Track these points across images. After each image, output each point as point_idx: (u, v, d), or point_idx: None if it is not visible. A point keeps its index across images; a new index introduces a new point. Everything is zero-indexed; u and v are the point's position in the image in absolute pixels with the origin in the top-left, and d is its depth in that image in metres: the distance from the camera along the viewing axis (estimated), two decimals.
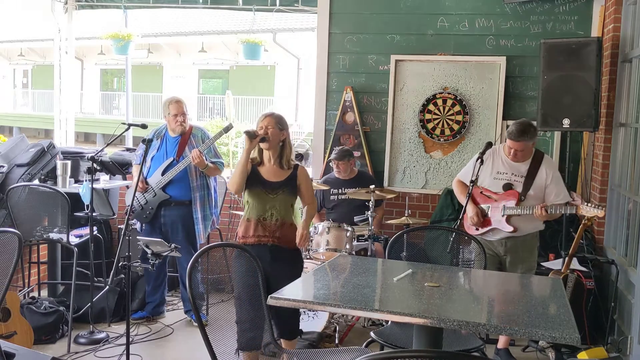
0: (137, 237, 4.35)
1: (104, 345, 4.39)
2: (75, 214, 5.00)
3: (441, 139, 5.65)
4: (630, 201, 4.47)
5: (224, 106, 17.56)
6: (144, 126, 4.52)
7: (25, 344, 3.94)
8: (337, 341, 4.34)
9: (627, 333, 4.19)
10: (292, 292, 2.65)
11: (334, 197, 5.32)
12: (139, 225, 4.93)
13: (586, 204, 3.95)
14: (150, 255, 3.86)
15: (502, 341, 4.27)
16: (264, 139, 3.55)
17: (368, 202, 4.85)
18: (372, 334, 3.24)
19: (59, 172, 5.26)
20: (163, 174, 4.67)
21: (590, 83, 4.66)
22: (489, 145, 4.16)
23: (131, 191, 4.73)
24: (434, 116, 5.63)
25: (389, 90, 5.70)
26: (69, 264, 5.00)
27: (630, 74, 4.69)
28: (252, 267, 3.09)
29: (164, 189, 4.69)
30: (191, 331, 4.72)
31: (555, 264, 4.66)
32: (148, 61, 20.54)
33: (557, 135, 5.40)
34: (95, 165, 4.55)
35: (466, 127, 5.59)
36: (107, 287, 4.73)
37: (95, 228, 4.75)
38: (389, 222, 5.13)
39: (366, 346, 3.65)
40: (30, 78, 25.20)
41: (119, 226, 5.66)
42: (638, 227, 4.24)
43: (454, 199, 5.20)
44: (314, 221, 5.35)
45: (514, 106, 5.50)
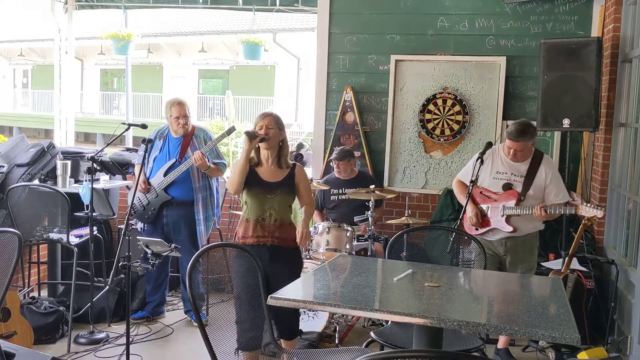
0: (137, 237, 4.35)
1: (104, 345, 4.39)
2: (75, 214, 5.00)
3: (441, 139, 5.65)
4: (630, 201, 4.47)
5: (224, 106, 17.54)
6: (144, 126, 4.53)
7: (25, 344, 3.93)
8: (337, 341, 4.34)
9: (627, 333, 4.19)
10: (292, 292, 2.65)
11: (334, 197, 5.32)
12: (140, 226, 4.93)
13: (585, 204, 3.94)
14: (150, 255, 3.87)
15: (502, 341, 4.27)
16: (263, 139, 3.55)
17: (368, 202, 4.85)
18: (372, 334, 3.24)
19: (59, 172, 5.26)
20: (165, 175, 4.68)
21: (590, 83, 4.66)
22: (489, 145, 4.16)
23: (133, 191, 4.74)
24: (434, 116, 5.63)
25: (389, 90, 5.70)
26: (69, 264, 5.00)
27: (630, 74, 4.69)
28: (252, 267, 3.09)
29: (166, 190, 4.70)
30: (191, 331, 4.72)
31: (555, 264, 4.66)
32: (148, 61, 20.55)
33: (557, 135, 5.40)
34: (95, 165, 4.55)
35: (466, 127, 5.59)
36: (107, 287, 4.73)
37: (95, 228, 4.75)
38: (389, 222, 5.13)
39: (366, 346, 3.66)
40: (30, 78, 25.21)
41: (119, 226, 5.66)
42: (638, 227, 4.24)
43: (454, 199, 5.20)
44: (316, 220, 5.36)
45: (514, 106, 5.50)
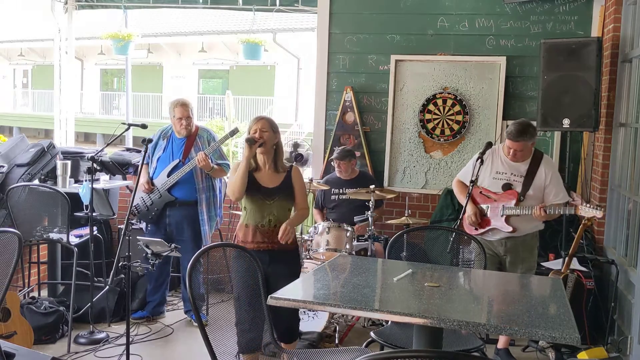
0: (137, 237, 4.35)
1: (104, 345, 4.39)
2: (75, 214, 5.00)
3: (441, 139, 5.65)
4: (630, 201, 4.47)
5: (224, 106, 17.54)
6: (144, 126, 4.52)
7: (25, 344, 3.93)
8: (337, 341, 4.34)
9: (627, 333, 4.19)
10: (292, 292, 2.65)
11: (334, 196, 5.33)
12: (144, 225, 4.92)
13: (585, 204, 3.94)
14: (150, 255, 3.88)
15: (502, 341, 4.27)
16: (261, 143, 3.57)
17: (368, 202, 4.85)
18: (372, 334, 3.24)
19: (59, 172, 5.26)
20: (169, 175, 4.68)
21: (590, 83, 4.66)
22: (489, 145, 4.16)
23: (134, 191, 4.74)
24: (434, 116, 5.63)
25: (389, 90, 5.70)
26: (69, 264, 5.00)
27: (630, 74, 4.69)
28: (251, 268, 3.09)
29: (169, 190, 4.70)
30: (191, 331, 4.72)
31: (555, 264, 4.66)
32: (148, 61, 20.55)
33: (557, 135, 5.40)
34: (95, 165, 4.55)
35: (466, 127, 5.59)
36: (107, 287, 4.73)
37: (95, 228, 4.75)
38: (389, 222, 5.13)
39: (366, 346, 3.65)
40: (30, 78, 25.20)
41: (119, 226, 5.66)
42: (638, 227, 4.24)
43: (454, 199, 5.20)
44: (317, 220, 5.36)
45: (514, 106, 5.50)
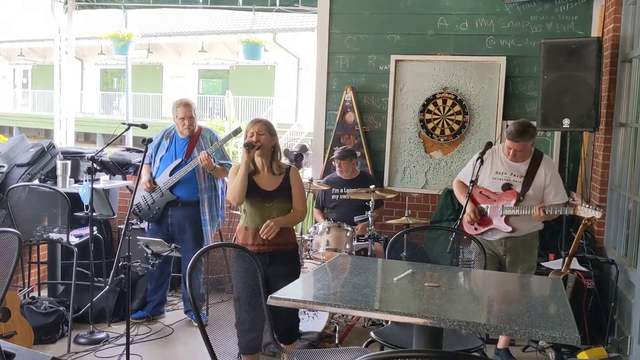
0: (137, 237, 4.35)
1: (104, 345, 4.39)
2: (75, 214, 5.00)
3: (441, 139, 5.65)
4: (630, 201, 4.47)
5: (224, 106, 17.53)
6: (144, 126, 4.52)
7: (25, 344, 3.93)
8: (337, 341, 4.35)
9: (627, 333, 4.18)
10: (292, 292, 2.65)
11: (335, 196, 5.33)
12: (146, 225, 4.92)
13: (584, 205, 3.94)
14: (150, 255, 3.87)
15: (502, 341, 4.27)
16: (259, 147, 3.57)
17: (368, 202, 4.85)
18: (372, 334, 3.24)
19: (59, 172, 5.26)
20: (171, 174, 4.69)
21: (590, 83, 4.66)
22: (489, 145, 4.16)
23: (137, 191, 4.74)
24: (434, 116, 5.63)
25: (389, 90, 5.70)
26: (69, 264, 5.00)
27: (630, 74, 4.69)
28: (251, 268, 3.09)
29: (171, 189, 4.70)
30: (191, 331, 4.72)
31: (555, 264, 4.66)
32: (148, 61, 20.54)
33: (557, 135, 5.40)
34: (95, 165, 4.56)
35: (466, 127, 5.59)
36: (107, 287, 4.73)
37: (95, 228, 4.75)
38: (389, 222, 5.13)
39: (366, 346, 3.65)
40: (30, 78, 25.20)
41: (119, 226, 5.66)
42: (638, 227, 4.24)
43: (454, 199, 5.20)
44: (318, 219, 5.36)
45: (514, 106, 5.50)
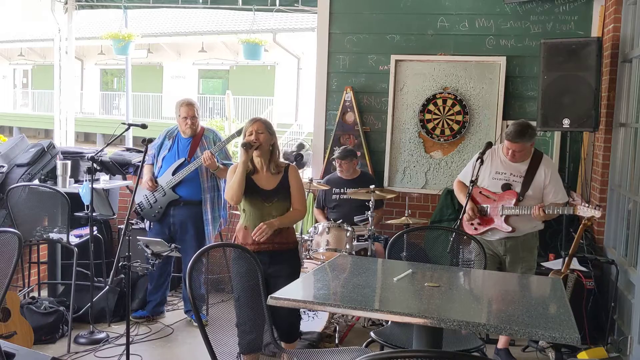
0: (137, 237, 4.35)
1: (104, 345, 4.39)
2: (75, 214, 5.00)
3: (441, 139, 5.65)
4: (630, 201, 4.47)
5: (224, 106, 17.54)
6: (144, 126, 4.52)
7: (25, 344, 3.94)
8: (337, 341, 4.34)
9: (627, 333, 4.18)
10: (292, 292, 2.65)
11: (335, 196, 5.33)
12: (147, 224, 4.92)
13: (584, 204, 3.94)
14: (150, 255, 3.87)
15: (502, 341, 4.27)
16: (258, 146, 3.57)
17: (369, 202, 4.85)
18: (372, 334, 3.24)
19: (59, 172, 5.27)
20: (174, 173, 4.69)
21: (590, 83, 4.66)
22: (489, 145, 4.16)
23: (139, 190, 4.74)
24: (434, 116, 5.63)
25: (389, 90, 5.70)
26: (69, 264, 4.99)
27: (630, 74, 4.69)
28: (251, 268, 3.10)
29: (174, 188, 4.70)
30: (191, 331, 4.72)
31: (555, 264, 4.66)
32: (148, 61, 20.54)
33: (557, 135, 5.40)
34: (95, 165, 4.56)
35: (466, 127, 5.59)
36: (107, 287, 4.73)
37: (95, 228, 4.75)
38: (389, 222, 5.13)
39: (366, 346, 3.65)
40: (30, 78, 25.21)
41: (119, 226, 5.66)
42: (638, 227, 4.24)
43: (454, 199, 5.19)
44: (319, 219, 5.36)
45: (514, 106, 5.50)
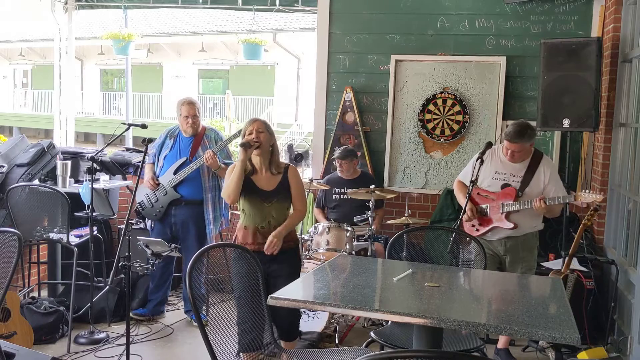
0: (137, 237, 4.35)
1: (104, 345, 4.39)
2: (75, 214, 5.00)
3: (441, 139, 5.65)
4: (630, 201, 4.47)
5: (224, 106, 17.53)
6: (144, 126, 4.52)
7: (25, 344, 3.94)
8: (337, 341, 4.34)
9: (627, 333, 4.19)
10: (292, 292, 2.65)
11: (335, 196, 5.33)
12: (149, 224, 4.92)
13: (584, 190, 3.94)
14: (150, 255, 3.87)
15: (502, 341, 4.27)
16: (258, 146, 3.57)
17: (369, 202, 4.85)
18: (372, 334, 3.24)
19: (59, 172, 5.27)
20: (175, 173, 4.69)
21: (590, 83, 4.66)
22: (489, 145, 4.16)
23: (140, 189, 4.74)
24: (434, 116, 5.63)
25: (389, 90, 5.70)
26: (69, 264, 4.99)
27: (630, 74, 4.69)
28: (252, 268, 3.10)
29: (175, 188, 4.70)
30: (191, 331, 4.72)
31: (555, 264, 4.66)
32: (148, 61, 20.55)
33: (557, 135, 5.40)
34: (95, 165, 4.56)
35: (466, 127, 5.59)
36: (107, 287, 4.73)
37: (95, 228, 4.75)
38: (389, 222, 5.13)
39: (366, 346, 3.65)
40: (30, 78, 25.21)
41: (119, 226, 5.66)
42: (638, 227, 4.24)
43: (454, 199, 5.19)
44: (319, 219, 5.36)
45: (514, 106, 5.50)
